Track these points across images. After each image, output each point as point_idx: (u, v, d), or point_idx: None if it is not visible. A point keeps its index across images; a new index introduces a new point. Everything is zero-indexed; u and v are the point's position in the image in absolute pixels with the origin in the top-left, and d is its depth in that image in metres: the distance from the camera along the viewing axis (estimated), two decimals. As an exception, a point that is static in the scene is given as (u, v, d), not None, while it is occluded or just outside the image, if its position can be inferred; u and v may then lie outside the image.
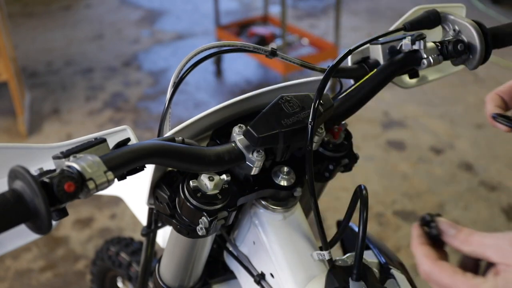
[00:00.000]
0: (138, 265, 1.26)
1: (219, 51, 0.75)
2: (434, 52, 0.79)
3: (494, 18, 4.45)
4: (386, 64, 0.80)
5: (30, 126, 3.18)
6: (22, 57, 3.92)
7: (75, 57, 4.11)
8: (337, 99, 0.76)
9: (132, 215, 2.16)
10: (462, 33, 0.80)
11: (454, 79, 3.53)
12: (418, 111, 3.27)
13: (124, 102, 3.46)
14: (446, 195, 2.55)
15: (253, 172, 0.68)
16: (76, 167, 0.51)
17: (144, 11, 5.02)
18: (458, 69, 0.92)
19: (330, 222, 2.30)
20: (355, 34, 4.23)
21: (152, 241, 1.03)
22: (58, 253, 2.27)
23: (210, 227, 0.68)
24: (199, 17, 4.85)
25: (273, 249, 0.78)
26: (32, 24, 4.77)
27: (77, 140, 0.65)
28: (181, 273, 0.89)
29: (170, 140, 0.66)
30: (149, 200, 0.75)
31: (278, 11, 4.22)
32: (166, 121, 0.75)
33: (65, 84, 3.73)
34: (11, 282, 2.15)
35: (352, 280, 0.69)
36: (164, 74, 3.80)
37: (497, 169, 2.72)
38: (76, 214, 2.48)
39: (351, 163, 0.84)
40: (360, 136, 2.99)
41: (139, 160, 0.58)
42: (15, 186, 0.49)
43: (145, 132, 3.10)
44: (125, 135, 0.69)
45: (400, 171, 2.72)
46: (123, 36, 4.48)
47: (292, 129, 0.66)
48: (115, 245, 1.45)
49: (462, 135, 3.02)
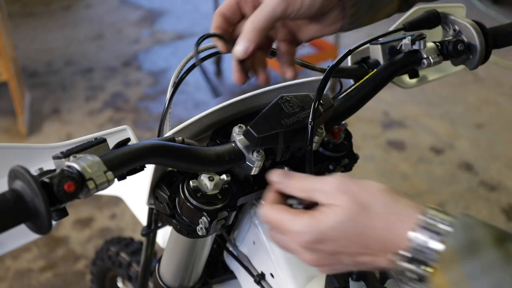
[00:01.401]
0: (138, 265, 1.26)
1: (219, 51, 0.75)
2: (434, 52, 0.79)
3: (494, 18, 4.45)
4: (386, 64, 0.80)
5: (30, 126, 3.18)
6: (22, 57, 3.92)
7: (75, 57, 4.11)
8: (337, 99, 0.76)
9: (132, 215, 2.16)
10: (462, 33, 0.80)
11: (454, 79, 3.54)
12: (418, 111, 3.27)
13: (124, 102, 3.46)
14: (446, 195, 2.55)
15: (253, 172, 0.68)
16: (76, 167, 0.51)
17: (144, 11, 5.02)
18: (458, 69, 0.92)
19: (330, 222, 2.30)
20: (355, 34, 4.22)
21: (152, 241, 1.03)
22: (58, 253, 2.27)
23: (210, 227, 0.68)
24: (199, 17, 4.85)
25: (273, 249, 0.78)
26: (32, 24, 4.77)
27: (77, 140, 0.65)
28: (181, 273, 0.89)
29: (170, 140, 0.66)
30: (149, 200, 0.75)
31: (278, 11, 4.22)
32: (166, 121, 0.75)
33: (65, 84, 3.73)
34: (11, 282, 2.15)
35: (352, 280, 0.69)
36: (164, 74, 3.80)
37: (497, 169, 2.72)
38: (76, 214, 2.48)
39: (351, 163, 0.84)
40: (360, 136, 2.99)
41: (139, 160, 0.58)
42: (15, 186, 0.49)
43: (145, 132, 3.10)
44: (125, 135, 0.69)
45: (400, 171, 2.72)
46: (123, 36, 4.48)
47: (292, 129, 0.66)
48: (115, 245, 1.45)
49: (462, 135, 3.02)
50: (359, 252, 0.53)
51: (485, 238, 0.46)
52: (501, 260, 0.44)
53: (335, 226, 0.52)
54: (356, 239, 0.52)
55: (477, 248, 0.45)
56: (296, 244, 0.55)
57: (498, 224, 2.28)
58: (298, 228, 0.54)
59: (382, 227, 0.51)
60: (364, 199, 0.53)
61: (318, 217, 0.53)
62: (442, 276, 0.47)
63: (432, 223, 0.49)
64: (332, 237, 0.52)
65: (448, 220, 0.49)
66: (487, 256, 0.45)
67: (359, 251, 0.53)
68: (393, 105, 3.31)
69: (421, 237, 0.49)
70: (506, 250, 0.45)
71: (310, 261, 0.55)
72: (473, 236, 0.46)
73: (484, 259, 0.45)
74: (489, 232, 0.47)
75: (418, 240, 0.49)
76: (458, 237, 0.47)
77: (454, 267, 0.46)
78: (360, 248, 0.52)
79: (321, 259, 0.55)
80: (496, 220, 2.37)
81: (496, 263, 0.44)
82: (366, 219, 0.51)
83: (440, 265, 0.47)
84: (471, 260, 0.45)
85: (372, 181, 0.55)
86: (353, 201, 0.52)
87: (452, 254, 0.46)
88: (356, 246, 0.52)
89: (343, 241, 0.52)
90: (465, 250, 0.46)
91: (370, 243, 0.52)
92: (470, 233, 0.47)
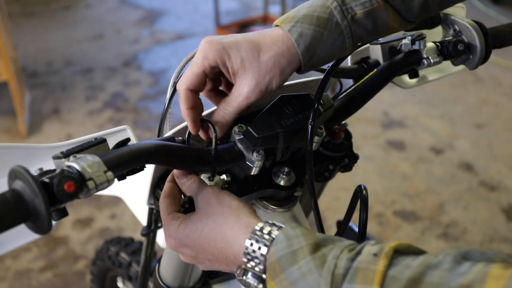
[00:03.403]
0: (138, 265, 1.26)
1: None
2: (434, 52, 0.79)
3: (494, 18, 4.45)
4: (386, 64, 0.80)
5: (30, 126, 3.18)
6: (22, 57, 3.92)
7: (75, 57, 4.11)
8: (337, 99, 0.76)
9: (132, 215, 2.17)
10: (462, 33, 0.80)
11: (454, 79, 3.54)
12: (418, 111, 3.27)
13: (124, 102, 3.46)
14: (446, 195, 2.55)
15: (253, 172, 0.68)
16: (76, 167, 0.51)
17: (144, 11, 5.02)
18: (458, 69, 0.92)
19: (330, 222, 2.30)
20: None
21: (152, 241, 1.03)
22: (58, 253, 2.27)
23: (210, 227, 0.68)
24: (199, 17, 4.85)
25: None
26: (32, 24, 4.77)
27: (77, 140, 0.65)
28: (181, 273, 0.89)
29: (170, 140, 0.66)
30: (149, 200, 0.75)
31: (278, 11, 4.23)
32: (166, 121, 0.75)
33: (65, 84, 3.73)
34: (11, 282, 2.15)
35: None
36: (164, 74, 3.81)
37: (497, 169, 2.72)
38: (76, 214, 2.48)
39: (351, 163, 0.83)
40: (360, 136, 3.00)
41: (139, 160, 0.58)
42: (15, 186, 0.49)
43: (145, 132, 3.10)
44: (125, 135, 0.69)
45: (400, 171, 2.72)
46: (123, 36, 4.48)
47: (292, 129, 0.66)
48: (115, 245, 1.45)
49: (462, 135, 3.02)
50: (212, 259, 0.60)
51: (302, 246, 0.50)
52: (315, 264, 0.49)
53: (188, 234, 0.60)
54: (206, 248, 0.59)
55: (296, 257, 0.50)
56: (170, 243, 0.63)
57: (498, 224, 2.28)
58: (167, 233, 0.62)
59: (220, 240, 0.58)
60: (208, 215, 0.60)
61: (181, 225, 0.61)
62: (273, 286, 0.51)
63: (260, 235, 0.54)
64: (188, 244, 0.61)
65: (274, 233, 0.54)
66: (303, 262, 0.49)
67: (211, 258, 0.60)
68: (393, 105, 3.31)
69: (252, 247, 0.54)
70: (320, 256, 0.49)
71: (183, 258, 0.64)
72: (293, 246, 0.51)
73: (301, 265, 0.49)
74: (306, 241, 0.51)
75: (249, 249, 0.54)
76: (279, 247, 0.52)
77: (280, 276, 0.51)
78: (211, 256, 0.59)
79: (189, 258, 0.63)
80: (496, 220, 2.37)
81: (311, 268, 0.49)
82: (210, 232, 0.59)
83: (269, 275, 0.52)
84: (291, 268, 0.50)
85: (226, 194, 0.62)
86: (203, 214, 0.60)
87: (275, 264, 0.51)
88: (207, 253, 0.59)
89: (196, 248, 0.60)
90: (285, 259, 0.51)
91: (215, 252, 0.58)
92: (289, 244, 0.51)
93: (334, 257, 0.48)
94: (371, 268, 0.46)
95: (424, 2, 0.67)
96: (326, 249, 0.50)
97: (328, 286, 0.47)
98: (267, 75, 0.62)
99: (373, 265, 0.46)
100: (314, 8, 0.64)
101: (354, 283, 0.46)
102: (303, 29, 0.62)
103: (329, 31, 0.63)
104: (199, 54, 0.64)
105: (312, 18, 0.63)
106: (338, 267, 0.47)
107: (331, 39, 0.63)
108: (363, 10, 0.64)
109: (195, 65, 0.64)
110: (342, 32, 0.63)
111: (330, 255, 0.49)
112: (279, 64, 0.62)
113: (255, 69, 0.62)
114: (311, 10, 0.64)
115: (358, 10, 0.63)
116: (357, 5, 0.64)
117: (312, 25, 0.63)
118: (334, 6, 0.63)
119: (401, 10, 0.66)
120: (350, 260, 0.47)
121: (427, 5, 0.68)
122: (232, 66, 0.63)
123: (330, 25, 0.63)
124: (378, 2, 0.64)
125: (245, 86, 0.63)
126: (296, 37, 0.62)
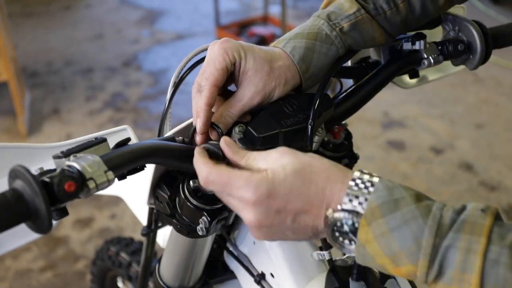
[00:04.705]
0: (138, 265, 1.26)
1: None
2: (434, 52, 0.79)
3: (494, 18, 4.45)
4: (386, 64, 0.80)
5: (30, 126, 3.18)
6: (22, 57, 3.92)
7: (75, 57, 4.11)
8: (337, 99, 0.76)
9: (132, 215, 2.16)
10: (462, 33, 0.80)
11: (454, 79, 3.54)
12: (418, 111, 3.27)
13: (124, 102, 3.46)
14: (446, 195, 2.55)
15: (253, 172, 0.68)
16: (77, 167, 0.51)
17: (144, 11, 5.02)
18: (458, 69, 0.92)
19: (330, 222, 2.30)
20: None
21: (152, 241, 1.03)
22: (58, 253, 2.27)
23: (210, 227, 0.68)
24: (199, 17, 4.85)
25: (273, 249, 0.78)
26: (32, 24, 4.77)
27: (77, 140, 0.65)
28: (181, 273, 0.89)
29: (170, 140, 0.66)
30: (149, 200, 0.75)
31: (278, 11, 4.22)
32: (166, 121, 0.75)
33: (65, 84, 3.73)
34: (11, 282, 2.15)
35: (352, 280, 0.69)
36: (164, 74, 3.81)
37: (497, 169, 2.72)
38: (76, 214, 2.48)
39: (351, 163, 0.84)
40: (360, 136, 3.00)
41: (139, 160, 0.58)
42: (15, 186, 0.49)
43: (145, 132, 3.10)
44: (125, 135, 0.69)
45: (400, 171, 2.72)
46: (123, 36, 4.48)
47: (292, 129, 0.67)
48: (115, 245, 1.45)
49: (462, 135, 3.02)
50: (302, 210, 0.55)
51: (405, 196, 0.52)
52: (420, 213, 0.50)
53: (285, 179, 0.55)
54: (302, 192, 0.55)
55: (398, 204, 0.51)
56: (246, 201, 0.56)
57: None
58: (253, 183, 0.55)
59: (322, 181, 0.55)
60: (305, 159, 0.57)
61: (268, 173, 0.55)
62: (368, 231, 0.51)
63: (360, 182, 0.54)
64: (281, 191, 0.55)
65: (373, 181, 0.54)
66: (407, 210, 0.50)
67: (303, 207, 0.55)
68: (393, 105, 3.31)
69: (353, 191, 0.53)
70: (424, 206, 0.51)
71: (254, 221, 0.56)
72: (394, 195, 0.52)
73: (405, 212, 0.50)
74: (408, 192, 0.52)
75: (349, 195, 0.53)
76: (380, 195, 0.52)
77: (378, 221, 0.51)
78: (304, 204, 0.55)
79: (265, 218, 0.56)
80: (496, 220, 2.37)
81: (416, 215, 0.50)
82: (310, 174, 0.55)
83: (365, 220, 0.51)
84: (393, 214, 0.50)
85: None
86: (297, 160, 0.56)
87: (375, 210, 0.51)
88: (300, 200, 0.55)
89: (290, 195, 0.55)
90: (387, 205, 0.51)
91: (312, 197, 0.55)
92: (391, 192, 0.52)
93: (439, 208, 0.50)
94: (479, 222, 0.48)
95: (405, 18, 0.74)
96: (429, 201, 0.52)
97: (433, 233, 0.48)
98: (274, 81, 0.67)
99: (481, 219, 0.48)
100: (304, 28, 0.71)
101: (461, 233, 0.48)
102: (296, 43, 0.69)
103: (320, 41, 0.69)
104: (218, 51, 0.66)
105: (303, 34, 0.70)
106: (444, 217, 0.49)
107: (324, 49, 0.69)
108: (348, 22, 0.70)
109: (217, 61, 0.66)
110: (333, 41, 0.70)
111: (434, 207, 0.51)
112: (285, 74, 0.68)
113: (265, 72, 0.66)
114: (301, 29, 0.71)
115: (345, 23, 0.70)
116: (342, 19, 0.71)
117: (304, 39, 0.69)
118: (321, 23, 0.70)
119: (385, 25, 0.73)
120: (456, 213, 0.50)
121: (407, 21, 0.74)
122: (245, 65, 0.66)
123: (320, 37, 0.70)
124: (362, 14, 0.71)
125: (252, 87, 0.66)
126: (290, 50, 0.69)
